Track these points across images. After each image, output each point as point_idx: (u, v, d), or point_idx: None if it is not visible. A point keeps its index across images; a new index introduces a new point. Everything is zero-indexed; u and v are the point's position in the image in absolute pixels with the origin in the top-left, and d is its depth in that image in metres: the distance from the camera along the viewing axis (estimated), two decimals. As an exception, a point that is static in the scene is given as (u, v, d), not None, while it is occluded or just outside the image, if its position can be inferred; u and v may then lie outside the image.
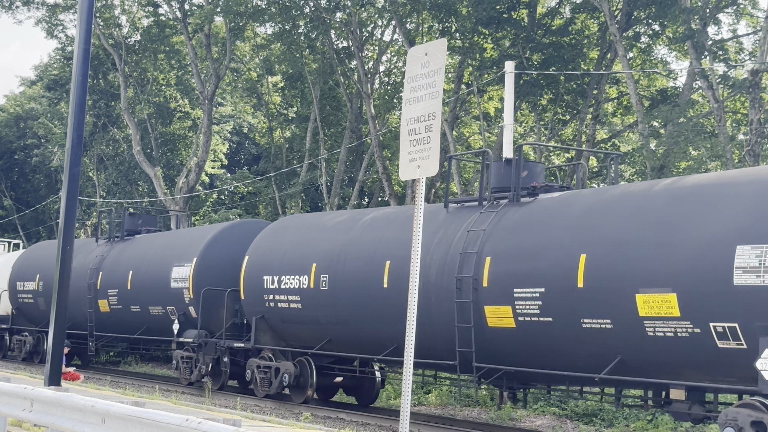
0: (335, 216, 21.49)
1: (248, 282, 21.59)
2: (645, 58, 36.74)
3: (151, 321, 25.92)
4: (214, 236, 24.33)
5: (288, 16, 39.19)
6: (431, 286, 16.97)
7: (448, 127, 35.75)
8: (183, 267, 24.21)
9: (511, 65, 24.75)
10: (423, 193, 10.32)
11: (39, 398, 12.24)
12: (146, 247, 27.43)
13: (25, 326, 32.84)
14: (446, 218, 17.95)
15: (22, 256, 34.06)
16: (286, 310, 20.45)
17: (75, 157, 16.62)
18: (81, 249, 30.22)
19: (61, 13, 47.67)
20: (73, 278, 28.12)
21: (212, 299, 23.06)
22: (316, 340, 20.07)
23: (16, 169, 62.32)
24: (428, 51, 10.31)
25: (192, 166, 45.25)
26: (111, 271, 27.86)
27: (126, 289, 26.69)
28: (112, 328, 28.00)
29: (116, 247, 28.93)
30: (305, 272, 19.92)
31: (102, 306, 28.00)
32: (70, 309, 28.48)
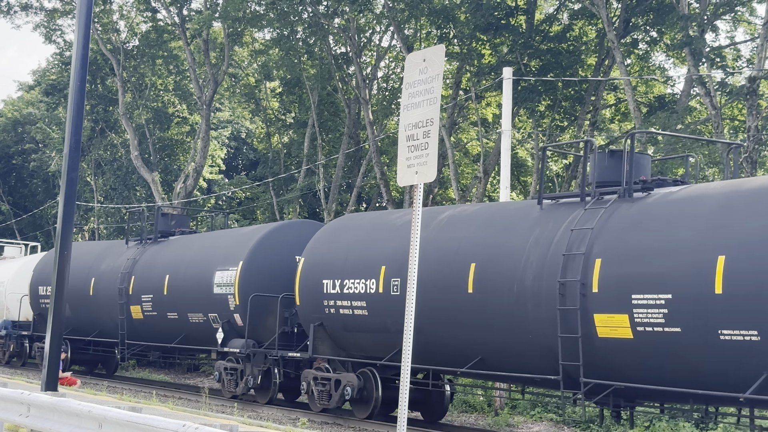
0: (403, 214, 19.45)
1: (305, 286, 19.88)
2: (643, 65, 36.78)
3: (189, 329, 24.18)
4: (261, 238, 22.46)
5: (286, 21, 39.21)
6: (527, 291, 15.40)
7: (446, 133, 35.76)
8: (227, 271, 22.44)
9: (509, 71, 24.76)
10: (421, 199, 10.32)
11: (36, 403, 12.22)
12: (184, 250, 25.59)
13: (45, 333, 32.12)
14: (541, 216, 16.22)
15: (44, 259, 32.17)
16: (349, 317, 18.79)
17: (73, 161, 16.61)
18: (110, 251, 28.96)
19: (59, 18, 47.70)
20: (102, 283, 27.67)
21: (260, 306, 21.43)
22: (384, 350, 18.28)
23: (13, 173, 62.30)
24: (426, 57, 10.31)
25: (190, 171, 45.23)
26: (144, 275, 26.05)
27: (162, 295, 24.91)
28: (146, 336, 26.23)
29: (149, 250, 27.00)
30: (372, 275, 18.24)
31: (134, 312, 26.21)
32: (99, 315, 27.86)
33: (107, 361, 31.32)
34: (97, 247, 30.68)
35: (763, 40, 26.70)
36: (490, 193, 39.33)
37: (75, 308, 28.21)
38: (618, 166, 15.82)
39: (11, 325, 33.17)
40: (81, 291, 28.27)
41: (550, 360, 15.15)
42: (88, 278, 28.54)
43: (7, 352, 33.21)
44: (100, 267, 28.42)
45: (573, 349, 14.72)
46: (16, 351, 32.98)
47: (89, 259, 29.14)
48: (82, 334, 29.07)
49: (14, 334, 32.92)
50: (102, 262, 28.60)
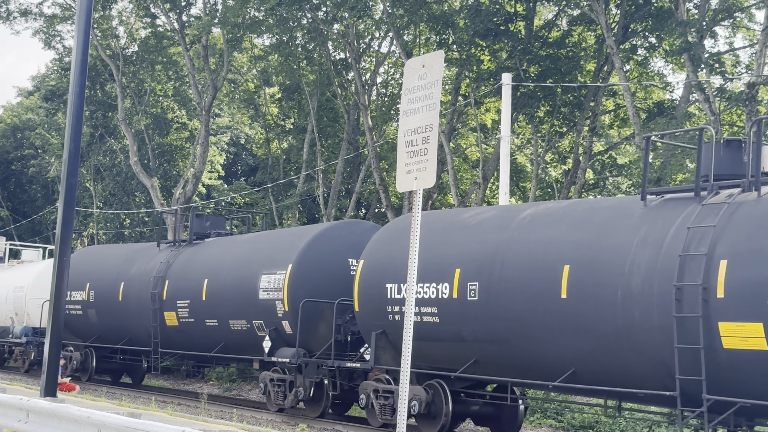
0: (477, 213, 17.90)
1: (365, 291, 18.20)
2: (642, 71, 36.82)
3: (231, 337, 22.38)
4: (312, 239, 20.72)
5: (285, 27, 39.25)
6: (633, 296, 13.81)
7: (445, 139, 35.79)
8: (275, 275, 20.69)
9: (508, 77, 24.80)
10: (420, 205, 10.32)
11: (35, 409, 12.22)
12: (223, 252, 23.81)
13: (70, 340, 28.91)
14: (647, 213, 14.56)
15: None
16: (416, 324, 16.61)
17: (72, 167, 16.62)
18: (140, 254, 27.30)
19: (58, 23, 47.76)
20: (132, 288, 26.15)
21: (311, 312, 19.80)
22: (457, 361, 16.68)
23: (13, 179, 62.32)
24: (425, 63, 10.32)
25: (189, 177, 45.25)
26: (180, 279, 24.25)
27: (200, 301, 23.15)
28: (181, 344, 24.44)
29: (184, 253, 25.16)
30: (445, 279, 16.65)
31: (169, 319, 24.45)
32: (129, 322, 26.24)
33: (134, 370, 29.87)
34: (125, 251, 29.04)
35: (762, 46, 26.73)
36: (489, 198, 39.35)
37: (103, 314, 27.33)
38: (736, 157, 14.42)
39: (32, 331, 31.56)
40: (109, 296, 26.98)
41: (662, 374, 13.63)
42: (116, 283, 26.95)
43: (27, 360, 31.63)
44: (130, 271, 26.79)
45: (692, 362, 13.17)
46: (36, 359, 31.02)
47: (117, 262, 27.72)
48: (109, 341, 27.62)
49: (35, 341, 31.14)
50: (132, 266, 26.97)
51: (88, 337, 28.34)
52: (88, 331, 28.27)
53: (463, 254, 16.65)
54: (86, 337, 28.41)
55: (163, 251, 26.15)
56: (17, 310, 32.25)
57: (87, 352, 28.47)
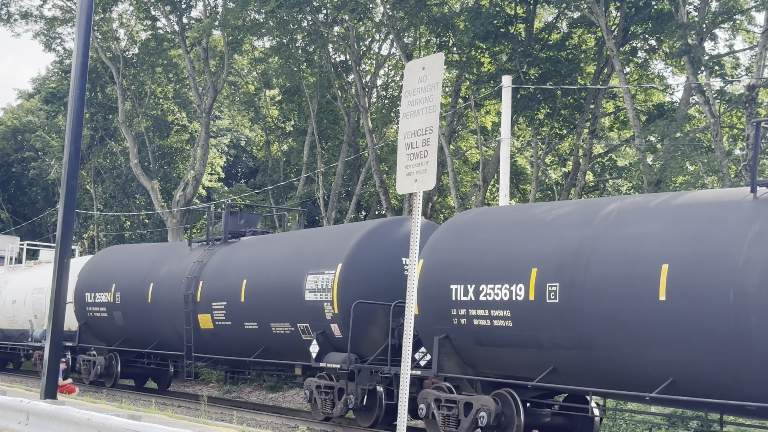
0: (554, 207, 16.45)
1: (426, 293, 16.85)
2: (642, 73, 36.84)
3: (272, 341, 20.89)
4: (362, 236, 19.30)
5: (286, 30, 39.28)
6: (748, 299, 12.61)
7: (445, 141, 35.80)
8: (323, 275, 19.26)
9: (508, 79, 24.80)
10: (420, 207, 10.32)
11: (35, 411, 12.23)
12: (262, 251, 22.31)
13: (93, 344, 27.77)
14: (758, 206, 13.23)
15: (91, 263, 28.83)
16: (486, 329, 15.79)
17: (72, 169, 16.64)
18: (171, 254, 25.79)
19: (59, 26, 47.78)
20: (162, 289, 24.66)
21: (363, 315, 18.45)
22: (532, 369, 15.26)
23: (13, 181, 62.33)
24: (425, 65, 10.33)
25: (189, 179, 45.27)
26: (216, 280, 22.74)
27: (238, 302, 21.63)
28: (217, 348, 22.89)
29: (219, 252, 23.58)
30: (520, 279, 15.24)
31: (203, 322, 22.85)
32: (158, 325, 24.77)
33: (160, 375, 28.42)
34: (154, 250, 27.44)
35: (762, 48, 26.75)
36: (489, 201, 39.35)
37: (130, 317, 25.95)
38: None
39: None
40: (137, 298, 25.48)
41: None
42: (145, 284, 25.39)
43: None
44: (160, 271, 25.24)
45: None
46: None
47: (146, 262, 26.20)
48: (137, 345, 26.12)
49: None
50: (161, 266, 25.40)
51: (113, 340, 26.94)
52: (113, 334, 26.86)
53: (540, 252, 15.21)
54: (111, 341, 27.02)
55: (196, 250, 24.60)
56: (37, 312, 30.94)
57: (111, 357, 27.07)
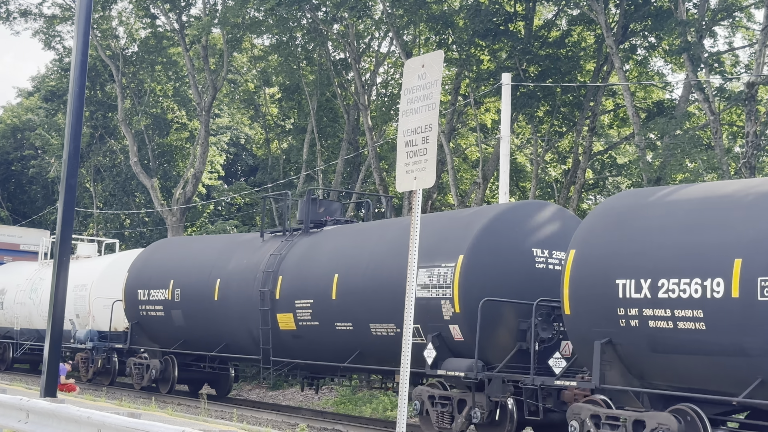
0: (748, 186, 13.42)
1: (581, 289, 14.10)
2: (641, 71, 36.84)
3: (370, 344, 18.40)
4: (487, 224, 16.77)
5: (285, 27, 39.28)
6: None
7: (445, 139, 35.80)
8: (438, 268, 16.82)
9: (507, 77, 24.80)
10: (420, 205, 10.33)
11: (35, 409, 12.23)
12: (356, 242, 19.75)
13: (146, 346, 25.46)
14: None
15: (142, 257, 26.23)
16: (666, 332, 13.03)
17: (72, 168, 16.63)
18: (240, 246, 23.14)
19: (58, 24, 47.78)
20: (232, 285, 22.02)
21: (490, 315, 15.97)
22: (732, 382, 12.57)
23: (13, 180, 62.31)
24: (425, 63, 10.33)
25: (189, 177, 45.28)
26: (298, 275, 20.19)
27: (328, 300, 19.11)
28: (301, 352, 20.27)
29: (300, 243, 20.99)
30: (716, 273, 12.53)
31: (283, 322, 20.30)
32: (227, 325, 22.18)
33: (219, 380, 26.13)
34: (217, 242, 24.77)
35: (761, 45, 26.74)
36: (489, 198, 39.36)
37: (191, 316, 23.44)
38: None
39: (98, 336, 27.98)
40: (201, 296, 22.90)
41: None
42: (210, 280, 22.79)
43: (92, 368, 28.07)
44: (228, 266, 22.65)
45: None
46: (105, 367, 27.82)
47: (210, 256, 23.59)
48: (199, 347, 23.70)
49: (104, 347, 27.60)
50: (229, 259, 22.82)
51: (170, 342, 24.50)
52: (170, 335, 24.39)
53: (744, 239, 12.50)
54: (167, 343, 24.62)
55: (270, 242, 22.10)
56: (79, 311, 28.82)
57: (168, 360, 24.72)
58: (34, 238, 38.47)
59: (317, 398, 27.39)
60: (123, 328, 26.98)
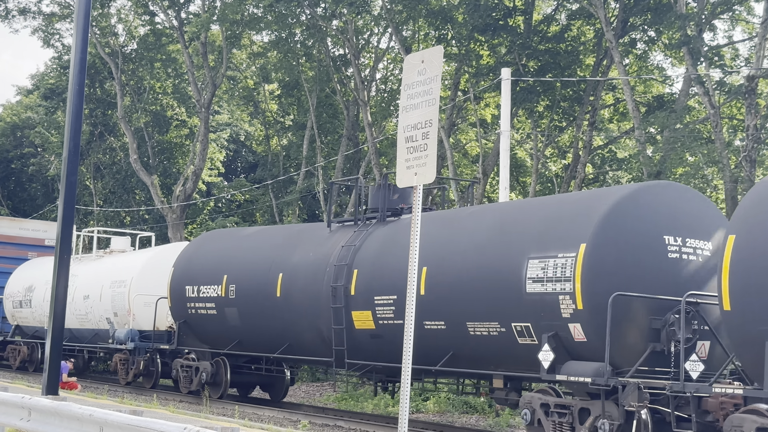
0: None
1: (747, 281, 11.97)
2: (641, 65, 36.80)
3: (466, 345, 16.51)
4: (612, 208, 14.75)
5: (284, 24, 39.25)
6: None
7: (445, 134, 35.79)
8: (555, 259, 14.86)
9: (507, 72, 24.78)
10: (420, 201, 10.32)
11: (36, 407, 12.22)
12: (444, 231, 17.55)
13: (195, 346, 23.45)
14: None
15: (189, 251, 24.02)
16: None
17: (72, 165, 16.62)
18: (304, 237, 20.99)
19: (57, 22, 47.76)
20: (297, 279, 19.92)
21: (618, 311, 13.94)
22: None
23: (12, 178, 62.30)
24: (424, 58, 10.32)
25: (189, 174, 45.26)
26: (377, 268, 18.19)
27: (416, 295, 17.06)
28: (379, 353, 18.21)
29: (376, 233, 19.03)
30: None
31: (359, 320, 18.36)
32: (291, 324, 19.97)
33: (273, 383, 24.02)
34: (276, 234, 22.64)
35: (761, 39, 26.72)
36: (489, 194, 39.35)
37: (249, 315, 21.33)
38: None
39: (138, 335, 26.11)
40: (261, 292, 20.87)
41: None
42: (271, 274, 20.70)
43: (132, 370, 26.30)
44: (291, 258, 20.55)
45: None
46: (149, 369, 25.93)
47: (270, 248, 21.54)
48: (257, 348, 21.75)
49: (146, 347, 25.74)
50: (293, 251, 20.73)
51: (222, 342, 22.42)
52: (223, 335, 22.26)
53: None
54: (220, 343, 22.53)
55: (339, 232, 20.11)
56: (117, 309, 27.02)
57: (219, 362, 22.66)
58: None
59: (319, 394, 27.43)
60: (165, 328, 25.57)
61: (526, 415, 15.14)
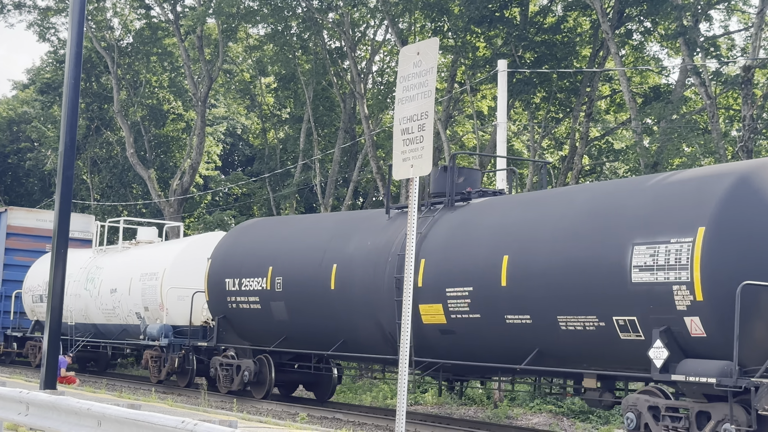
0: None
1: None
2: (637, 56, 36.79)
3: (556, 341, 14.86)
4: (732, 187, 13.12)
5: (280, 17, 39.20)
6: None
7: (442, 126, 35.77)
8: (667, 245, 13.29)
9: (503, 64, 24.76)
10: (417, 193, 10.31)
11: (34, 402, 12.22)
12: (529, 215, 16.01)
13: (235, 343, 21.98)
14: None
15: (228, 241, 22.53)
16: None
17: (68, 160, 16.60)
18: (360, 225, 19.46)
19: (52, 16, 47.71)
20: (354, 270, 18.51)
21: (747, 304, 12.38)
22: None
23: (9, 172, 62.25)
24: (420, 50, 10.31)
25: (186, 168, 45.23)
26: (448, 257, 16.74)
27: (494, 287, 15.63)
28: (451, 350, 16.87)
29: (443, 220, 17.50)
30: None
31: (428, 314, 16.94)
32: (347, 319, 18.61)
33: (320, 382, 22.62)
34: (328, 221, 21.25)
35: (757, 29, 26.72)
36: (486, 185, 39.32)
37: (298, 309, 19.78)
38: None
39: (172, 331, 24.63)
40: (311, 284, 19.32)
41: None
42: (324, 265, 19.03)
43: (165, 367, 24.76)
44: (347, 248, 18.98)
45: None
46: (186, 367, 24.45)
47: (321, 237, 19.86)
48: (306, 345, 20.19)
49: (182, 344, 24.23)
50: (348, 240, 19.12)
51: (267, 339, 20.98)
52: (268, 331, 20.80)
53: None
54: (264, 340, 21.13)
55: (400, 219, 18.47)
56: (148, 303, 25.58)
57: (262, 360, 21.25)
58: (79, 224, 33.88)
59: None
60: (200, 323, 24.25)
61: (630, 420, 13.64)
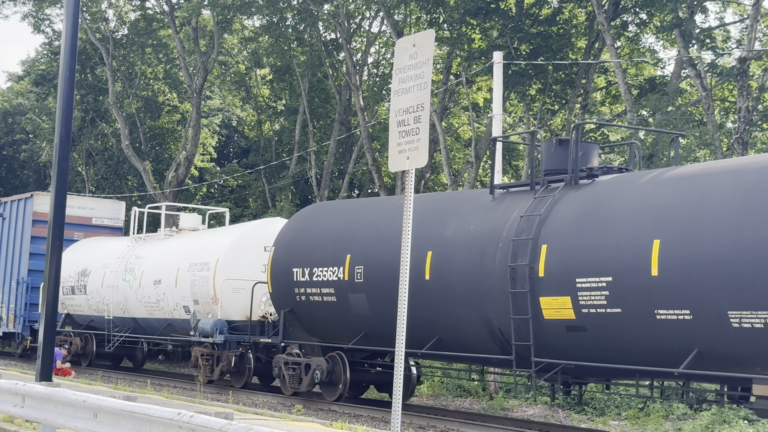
0: None
1: None
2: (633, 47, 36.80)
3: (721, 340, 12.96)
4: None
5: (275, 8, 39.14)
6: None
7: (437, 118, 35.76)
8: None
9: (499, 55, 24.73)
10: (413, 185, 10.31)
11: (30, 394, 12.23)
12: (682, 192, 13.90)
13: (303, 340, 19.98)
14: None
15: (294, 226, 20.53)
16: None
17: (63, 152, 16.56)
18: (459, 207, 17.39)
19: (47, 7, 47.58)
20: (456, 258, 16.54)
21: None
22: None
23: (4, 164, 62.14)
24: (416, 42, 10.29)
25: (181, 159, 45.18)
26: (579, 243, 14.66)
27: (641, 277, 13.61)
28: (581, 350, 14.77)
29: (567, 200, 15.38)
30: None
31: (551, 309, 14.84)
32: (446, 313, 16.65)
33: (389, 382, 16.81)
34: (419, 203, 16.43)
35: (752, 20, 26.73)
36: (482, 177, 39.34)
37: (382, 302, 17.53)
38: None
39: (227, 327, 22.52)
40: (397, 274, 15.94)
41: None
42: (416, 252, 15.97)
43: (219, 366, 22.75)
44: (443, 233, 16.97)
45: None
46: (246, 365, 22.38)
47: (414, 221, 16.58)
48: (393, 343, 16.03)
49: (241, 340, 22.23)
50: (444, 225, 17.12)
51: (342, 335, 19.01)
52: (344, 327, 18.77)
53: None
54: (338, 336, 19.23)
55: (508, 200, 16.45)
56: (198, 296, 23.42)
57: (335, 358, 19.34)
58: (108, 211, 32.48)
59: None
60: (259, 317, 22.28)
61: None
